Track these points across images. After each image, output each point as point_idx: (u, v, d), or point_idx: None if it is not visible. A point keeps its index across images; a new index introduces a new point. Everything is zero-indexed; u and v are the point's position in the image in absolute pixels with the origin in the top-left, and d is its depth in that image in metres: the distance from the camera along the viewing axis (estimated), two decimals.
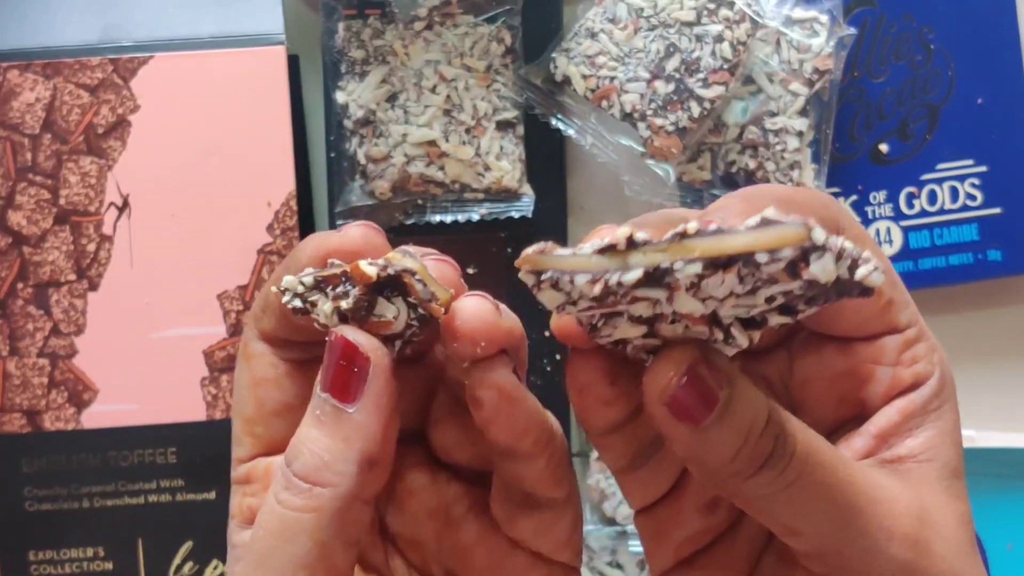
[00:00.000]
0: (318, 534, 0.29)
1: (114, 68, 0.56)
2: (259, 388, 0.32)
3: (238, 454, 0.33)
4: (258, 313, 0.32)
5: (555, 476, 0.32)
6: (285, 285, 0.30)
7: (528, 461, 0.31)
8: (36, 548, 0.56)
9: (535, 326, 0.60)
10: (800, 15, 0.56)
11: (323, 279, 0.29)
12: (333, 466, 0.29)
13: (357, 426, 0.29)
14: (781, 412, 0.28)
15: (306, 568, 0.29)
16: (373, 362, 0.29)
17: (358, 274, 0.29)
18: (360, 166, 0.57)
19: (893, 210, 0.60)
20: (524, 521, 0.32)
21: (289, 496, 0.29)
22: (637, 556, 0.60)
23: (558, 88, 0.57)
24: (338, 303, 0.29)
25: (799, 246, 0.25)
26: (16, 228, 0.56)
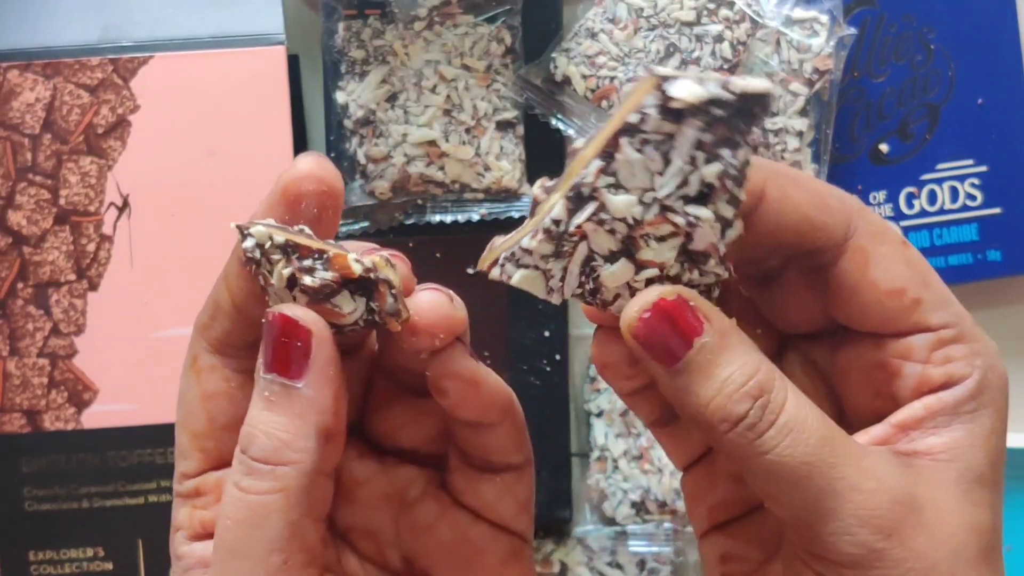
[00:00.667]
0: (288, 514, 0.29)
1: (114, 68, 0.56)
2: (210, 402, 0.32)
3: (184, 468, 0.32)
4: (206, 321, 0.32)
5: (516, 440, 0.33)
6: (252, 230, 0.29)
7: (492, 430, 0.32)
8: (36, 548, 0.56)
9: (535, 326, 0.60)
10: (800, 15, 0.57)
11: (295, 246, 0.29)
12: (293, 444, 0.29)
13: (309, 401, 0.29)
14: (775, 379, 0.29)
15: (280, 550, 0.28)
16: (315, 335, 0.29)
17: (342, 265, 0.29)
18: (360, 166, 0.57)
19: (893, 210, 0.60)
20: (486, 486, 0.33)
21: (252, 481, 0.29)
22: (637, 556, 0.60)
23: (558, 88, 0.57)
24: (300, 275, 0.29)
25: (655, 87, 0.26)
26: (16, 228, 0.56)
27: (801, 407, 0.29)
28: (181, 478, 0.32)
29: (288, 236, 0.29)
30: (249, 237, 0.30)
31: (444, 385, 0.31)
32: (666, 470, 0.59)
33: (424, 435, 0.34)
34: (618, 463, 0.59)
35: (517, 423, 0.33)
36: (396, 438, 0.34)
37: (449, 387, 0.31)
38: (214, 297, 0.32)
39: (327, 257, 0.29)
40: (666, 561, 0.60)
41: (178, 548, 0.32)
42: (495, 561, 0.33)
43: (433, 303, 0.30)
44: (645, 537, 0.59)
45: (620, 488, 0.59)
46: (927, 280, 0.30)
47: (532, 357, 0.60)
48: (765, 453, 0.28)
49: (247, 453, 0.29)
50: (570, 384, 0.61)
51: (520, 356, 0.59)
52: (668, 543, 0.59)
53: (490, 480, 0.33)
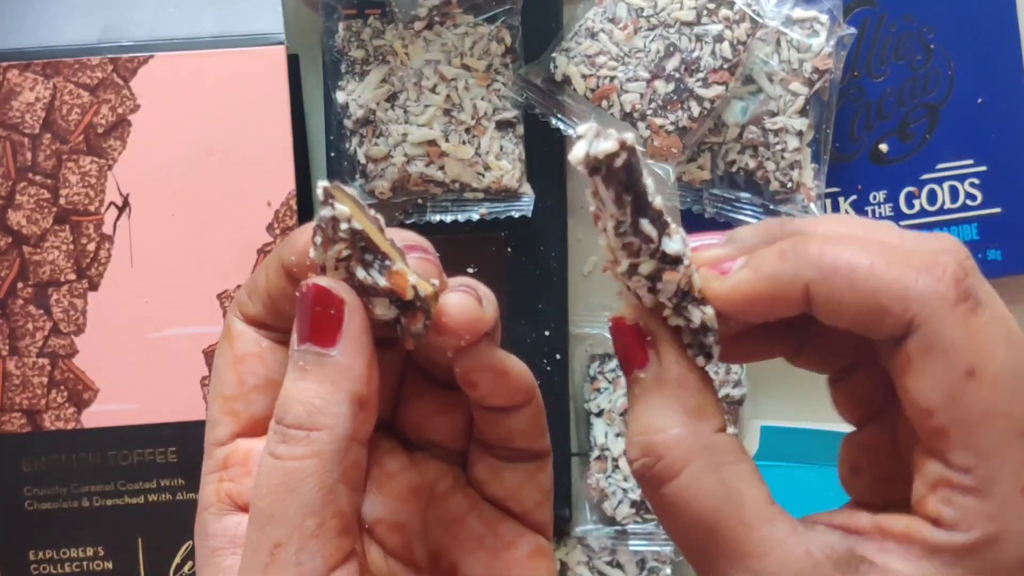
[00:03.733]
0: (323, 479, 0.29)
1: (114, 68, 0.56)
2: (241, 365, 0.33)
3: (215, 436, 0.33)
4: (244, 298, 0.33)
5: (539, 424, 0.34)
6: (337, 205, 0.30)
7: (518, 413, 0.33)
8: (36, 548, 0.56)
9: (535, 326, 0.60)
10: (800, 15, 0.56)
11: (366, 239, 0.30)
12: (326, 409, 0.29)
13: (342, 368, 0.30)
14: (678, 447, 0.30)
15: (314, 514, 0.29)
16: (348, 303, 0.30)
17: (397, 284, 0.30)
18: (360, 166, 0.57)
19: (893, 210, 0.60)
20: (509, 475, 0.34)
21: (287, 448, 0.29)
22: (637, 556, 0.60)
23: (558, 88, 0.57)
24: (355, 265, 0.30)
25: None
26: (16, 228, 0.56)
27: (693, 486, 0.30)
28: (211, 448, 0.33)
29: (365, 226, 0.30)
30: (330, 207, 0.30)
31: (474, 378, 0.32)
32: None
33: (453, 429, 0.35)
34: (618, 462, 0.59)
35: (540, 407, 0.34)
36: (425, 431, 0.35)
37: (479, 380, 0.32)
38: (255, 279, 0.33)
39: (388, 268, 0.30)
40: (666, 560, 0.60)
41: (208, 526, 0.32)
42: (523, 555, 0.34)
43: (462, 306, 0.31)
44: (645, 536, 0.59)
45: (620, 487, 0.59)
46: (965, 416, 0.28)
47: (532, 357, 0.60)
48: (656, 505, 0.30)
49: (282, 422, 0.30)
50: (570, 384, 0.61)
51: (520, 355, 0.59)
52: (668, 542, 0.59)
53: (513, 469, 0.34)
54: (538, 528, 0.35)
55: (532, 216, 0.58)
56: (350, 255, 0.30)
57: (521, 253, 0.60)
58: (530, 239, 0.60)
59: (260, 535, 0.29)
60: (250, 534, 0.30)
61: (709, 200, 0.58)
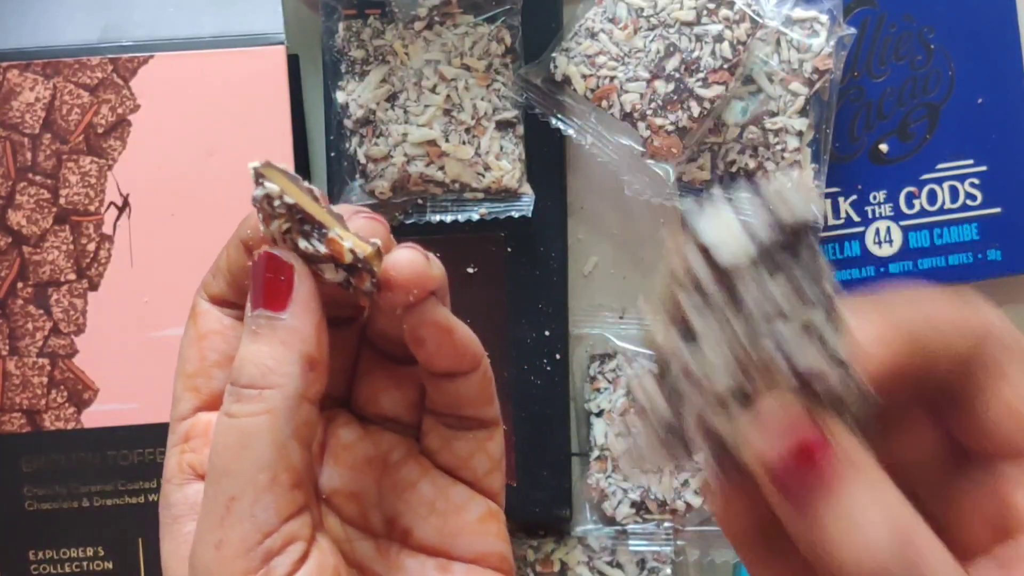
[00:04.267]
0: (275, 434, 0.30)
1: (114, 68, 0.56)
2: (204, 341, 0.34)
3: (178, 411, 0.34)
4: (208, 278, 0.35)
5: (487, 393, 0.35)
6: (267, 184, 0.31)
7: (466, 379, 0.34)
8: (36, 548, 0.56)
9: (535, 325, 0.60)
10: (800, 15, 0.56)
11: (300, 211, 0.31)
12: (278, 369, 0.31)
13: (292, 329, 0.31)
14: None
15: (267, 468, 0.30)
16: (297, 270, 0.31)
17: (335, 250, 0.31)
18: (360, 166, 0.57)
19: (893, 210, 0.60)
20: (459, 443, 0.35)
21: (241, 407, 0.31)
22: (637, 555, 0.60)
23: (558, 88, 0.57)
24: (296, 236, 0.31)
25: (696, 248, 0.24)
26: (16, 228, 0.56)
27: None
28: (174, 425, 0.34)
29: (299, 199, 0.31)
30: (262, 187, 0.31)
31: (420, 334, 0.33)
32: (666, 470, 0.59)
33: (405, 401, 0.36)
34: (618, 462, 0.59)
35: (487, 375, 0.35)
36: (379, 405, 0.36)
37: (425, 335, 0.33)
38: (218, 260, 0.35)
39: (325, 234, 0.31)
40: (666, 560, 0.60)
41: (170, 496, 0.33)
42: (473, 519, 0.35)
43: (409, 261, 0.32)
44: (645, 536, 0.59)
45: (620, 487, 0.59)
46: None
47: (532, 356, 0.60)
48: None
49: (236, 384, 0.31)
50: (570, 383, 0.61)
51: (521, 355, 0.59)
52: (668, 542, 0.59)
53: (463, 436, 0.35)
54: (489, 495, 0.36)
55: (532, 216, 0.58)
56: (290, 227, 0.31)
57: (521, 253, 0.60)
58: (530, 239, 0.60)
59: (215, 490, 0.30)
60: (206, 491, 0.31)
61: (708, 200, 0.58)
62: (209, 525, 0.30)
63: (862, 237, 0.60)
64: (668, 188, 0.58)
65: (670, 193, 0.58)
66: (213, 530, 0.30)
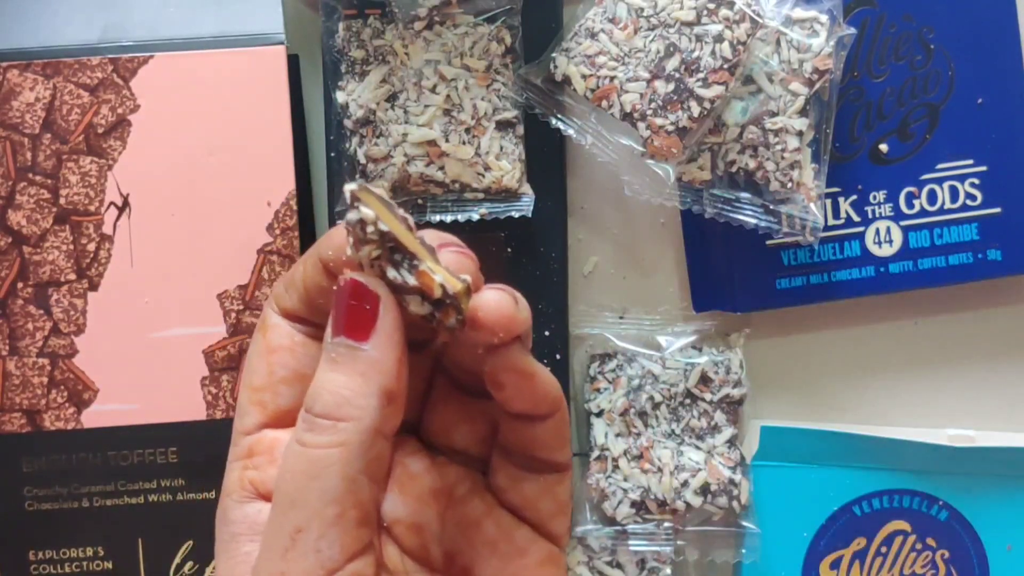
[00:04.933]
0: (346, 468, 0.30)
1: (114, 68, 0.56)
2: (273, 355, 0.34)
3: (242, 425, 0.34)
4: (281, 291, 0.34)
5: (563, 436, 0.34)
6: (363, 208, 0.30)
7: (542, 423, 0.33)
8: (36, 548, 0.56)
9: (536, 326, 0.60)
10: (800, 15, 0.56)
11: (393, 239, 0.31)
12: (354, 401, 0.30)
13: (373, 361, 0.30)
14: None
15: (336, 502, 0.29)
16: (383, 300, 0.31)
17: (425, 284, 0.31)
18: (360, 166, 0.57)
19: (893, 210, 0.60)
20: (529, 485, 0.34)
21: (313, 436, 0.30)
22: (637, 555, 0.60)
23: (558, 88, 0.57)
24: (385, 264, 0.31)
25: None
26: (16, 228, 0.56)
27: None
28: (237, 437, 0.34)
29: (393, 227, 0.31)
30: (356, 210, 0.30)
31: (501, 379, 0.33)
32: (666, 470, 0.59)
33: (476, 436, 0.35)
34: (618, 462, 0.59)
35: (564, 419, 0.34)
36: (449, 437, 0.35)
37: (506, 380, 0.32)
38: (292, 272, 0.34)
39: (416, 266, 0.31)
40: (666, 560, 0.60)
41: (228, 512, 0.33)
42: (534, 562, 0.35)
43: (498, 303, 0.32)
44: (645, 536, 0.59)
45: (620, 487, 0.59)
46: None
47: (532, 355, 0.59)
48: None
49: (311, 411, 0.30)
50: (570, 384, 0.61)
51: None
52: (668, 543, 0.59)
53: (533, 479, 0.35)
54: (552, 538, 0.35)
55: (532, 216, 0.58)
56: (380, 255, 0.31)
57: (521, 253, 0.60)
58: (530, 239, 0.60)
59: (282, 519, 0.30)
60: (272, 518, 0.30)
61: (709, 200, 0.58)
62: (273, 555, 0.30)
63: (862, 237, 0.60)
64: (668, 188, 0.58)
65: (670, 193, 0.58)
66: (276, 560, 0.29)
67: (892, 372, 0.63)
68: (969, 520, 0.61)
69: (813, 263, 0.61)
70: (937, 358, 0.63)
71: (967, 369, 0.63)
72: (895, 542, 0.61)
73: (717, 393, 0.60)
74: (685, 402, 0.60)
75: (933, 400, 0.63)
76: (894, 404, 0.63)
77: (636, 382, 0.60)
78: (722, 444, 0.59)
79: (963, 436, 0.61)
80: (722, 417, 0.60)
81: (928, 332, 0.63)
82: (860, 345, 0.63)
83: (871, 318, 0.63)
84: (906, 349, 0.63)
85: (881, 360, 0.63)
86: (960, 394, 0.63)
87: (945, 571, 0.61)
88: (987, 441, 0.61)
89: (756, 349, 0.62)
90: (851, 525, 0.61)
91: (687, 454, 0.59)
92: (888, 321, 0.63)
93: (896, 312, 0.63)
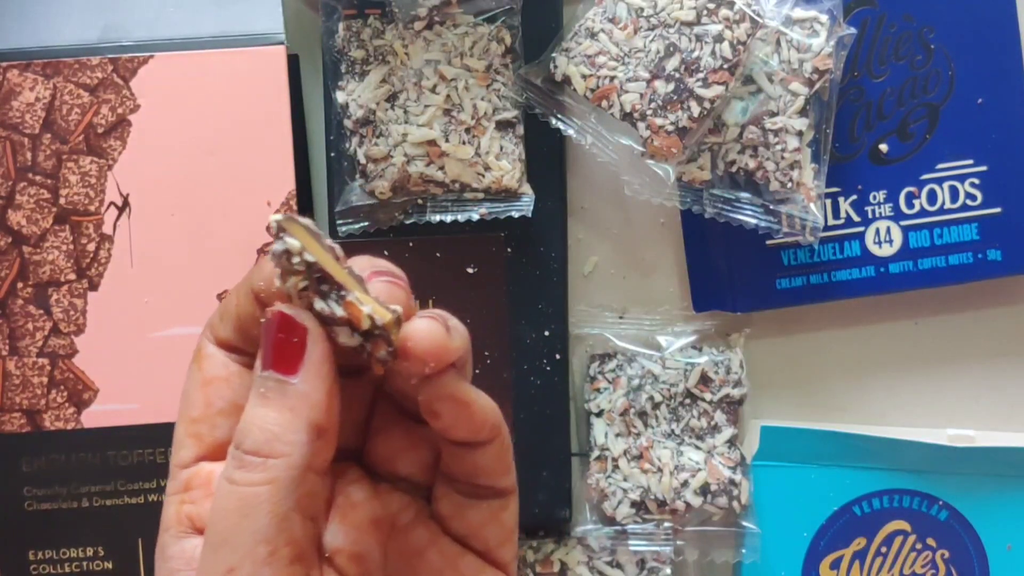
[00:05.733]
0: (276, 506, 0.29)
1: (114, 68, 0.56)
2: (209, 387, 0.33)
3: (179, 458, 0.33)
4: (215, 321, 0.33)
5: (504, 462, 0.34)
6: (288, 239, 0.30)
7: (482, 449, 0.33)
8: (36, 548, 0.56)
9: (536, 326, 0.60)
10: (800, 15, 0.56)
11: (322, 276, 0.30)
12: (283, 437, 0.30)
13: (302, 395, 0.30)
14: None
15: (267, 541, 0.29)
16: (311, 332, 0.30)
17: (353, 315, 0.30)
18: (360, 166, 0.57)
19: (893, 210, 0.60)
20: (473, 512, 0.34)
21: (243, 474, 0.30)
22: (637, 555, 0.60)
23: (558, 88, 0.57)
24: (313, 295, 0.30)
25: None
26: (16, 228, 0.56)
27: None
28: (175, 471, 0.33)
29: (319, 257, 0.30)
30: (282, 241, 0.30)
31: (436, 408, 0.32)
32: (666, 470, 0.59)
33: (420, 463, 0.35)
34: (618, 462, 0.59)
35: (505, 444, 0.34)
36: (393, 464, 0.35)
37: (441, 409, 0.32)
38: (226, 302, 0.33)
39: (343, 297, 0.30)
40: (666, 560, 0.60)
41: (167, 548, 0.32)
42: None
43: (427, 332, 0.31)
44: (645, 536, 0.59)
45: (620, 487, 0.59)
46: None
47: (532, 356, 0.60)
48: None
49: (240, 448, 0.30)
50: (570, 384, 0.61)
51: (521, 355, 0.59)
52: (668, 543, 0.59)
53: (476, 506, 0.34)
54: (499, 566, 0.35)
55: (532, 216, 0.58)
56: (307, 286, 0.30)
57: (521, 253, 0.60)
58: (530, 239, 0.60)
59: (214, 558, 0.29)
60: (204, 556, 0.30)
61: (709, 200, 0.58)
62: None
63: (862, 237, 0.60)
64: (668, 188, 0.58)
65: (670, 193, 0.58)
66: None
67: (892, 372, 0.63)
68: (969, 520, 0.61)
69: (813, 263, 0.61)
70: (937, 358, 0.63)
71: (967, 369, 0.63)
72: (895, 542, 0.61)
73: (717, 393, 0.60)
74: (685, 402, 0.60)
75: (933, 400, 0.63)
76: (894, 404, 0.63)
77: (636, 382, 0.60)
78: (722, 444, 0.59)
79: (963, 436, 0.61)
80: (722, 417, 0.60)
81: (928, 332, 0.63)
82: (860, 345, 0.63)
83: (871, 318, 0.63)
84: (906, 349, 0.63)
85: (881, 360, 0.63)
86: (960, 394, 0.63)
87: (945, 571, 0.61)
88: (987, 441, 0.61)
89: (756, 349, 0.62)
90: (851, 525, 0.61)
91: (687, 454, 0.59)
92: (888, 321, 0.63)
93: (896, 312, 0.63)
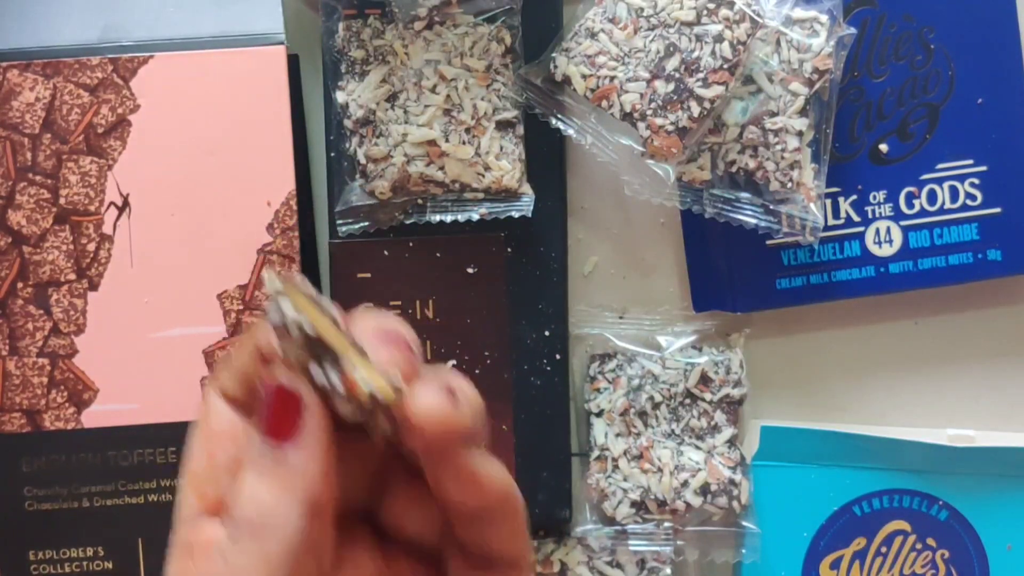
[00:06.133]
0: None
1: (114, 68, 0.56)
2: (213, 442, 0.32)
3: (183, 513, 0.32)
4: (222, 374, 0.33)
5: (517, 534, 0.32)
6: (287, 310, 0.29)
7: (491, 520, 0.31)
8: (36, 548, 0.56)
9: (536, 326, 0.60)
10: (800, 15, 0.56)
11: (324, 346, 0.29)
12: (277, 511, 0.29)
13: (297, 470, 0.29)
14: None
15: None
16: (307, 404, 0.29)
17: (355, 392, 0.29)
18: (360, 166, 0.57)
19: (893, 210, 0.60)
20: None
21: (234, 547, 0.29)
22: (637, 555, 0.60)
23: (558, 88, 0.57)
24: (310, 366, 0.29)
25: None
26: (16, 228, 0.56)
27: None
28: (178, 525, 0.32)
29: (318, 326, 0.29)
30: (277, 308, 0.29)
31: (441, 480, 0.31)
32: (666, 470, 0.59)
33: (431, 525, 0.33)
34: (618, 462, 0.59)
35: (519, 515, 0.32)
36: (403, 524, 0.34)
37: (446, 482, 0.31)
38: (234, 356, 0.32)
39: (343, 370, 0.29)
40: (666, 560, 0.60)
41: None
42: None
43: (430, 408, 0.29)
44: (645, 536, 0.59)
45: (620, 487, 0.59)
46: None
47: (533, 357, 0.60)
48: None
49: (233, 516, 0.29)
50: (570, 384, 0.61)
51: (521, 355, 0.59)
52: (668, 542, 0.59)
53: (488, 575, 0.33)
54: None
55: (532, 216, 0.58)
56: (305, 355, 0.29)
57: (521, 253, 0.60)
58: (530, 239, 0.60)
59: None
60: None
61: (709, 200, 0.58)
62: None
63: (862, 237, 0.60)
64: (668, 188, 0.58)
65: (670, 193, 0.58)
66: None
67: (892, 372, 0.63)
68: (969, 520, 0.61)
69: (813, 263, 0.61)
70: (937, 358, 0.63)
71: (967, 369, 0.63)
72: (895, 542, 0.61)
73: (717, 393, 0.60)
74: (685, 402, 0.60)
75: (933, 400, 0.63)
76: (894, 404, 0.63)
77: (636, 382, 0.60)
78: (722, 444, 0.59)
79: (963, 436, 0.61)
80: (722, 417, 0.60)
81: (928, 332, 0.63)
82: (860, 345, 0.63)
83: (871, 318, 0.63)
84: (906, 349, 0.63)
85: (881, 360, 0.63)
86: (960, 394, 0.63)
87: (945, 571, 0.61)
88: (987, 441, 0.61)
89: (756, 349, 0.62)
90: (851, 525, 0.61)
91: (687, 454, 0.59)
92: (888, 321, 0.63)
93: (896, 312, 0.63)
